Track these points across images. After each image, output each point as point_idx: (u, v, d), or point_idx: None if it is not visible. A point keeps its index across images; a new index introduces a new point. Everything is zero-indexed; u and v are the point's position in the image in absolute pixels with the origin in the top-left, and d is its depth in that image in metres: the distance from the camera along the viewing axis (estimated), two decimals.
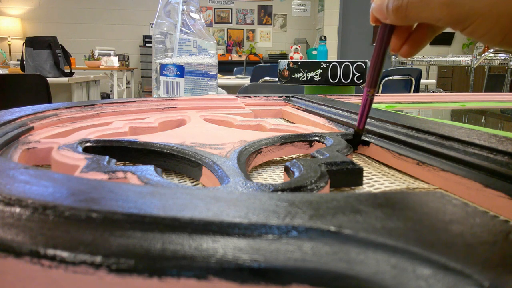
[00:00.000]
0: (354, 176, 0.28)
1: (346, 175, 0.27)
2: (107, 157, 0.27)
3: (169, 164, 0.31)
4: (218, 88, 0.86)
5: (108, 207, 0.15)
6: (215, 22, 6.02)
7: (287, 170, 0.27)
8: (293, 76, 0.89)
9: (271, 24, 6.13)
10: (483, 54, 3.34)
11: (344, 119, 0.45)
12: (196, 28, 0.80)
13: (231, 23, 6.08)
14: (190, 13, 0.80)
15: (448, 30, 0.27)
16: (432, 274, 0.11)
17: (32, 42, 2.26)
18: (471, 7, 0.21)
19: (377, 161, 0.35)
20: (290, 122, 0.55)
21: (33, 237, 0.13)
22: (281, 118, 0.61)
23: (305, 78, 0.88)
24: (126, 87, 4.89)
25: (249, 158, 0.31)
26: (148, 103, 0.55)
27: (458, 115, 0.69)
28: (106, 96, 4.70)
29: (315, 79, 0.87)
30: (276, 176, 0.31)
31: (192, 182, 0.30)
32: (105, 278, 0.12)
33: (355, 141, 0.36)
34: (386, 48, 0.31)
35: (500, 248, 0.13)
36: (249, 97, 0.68)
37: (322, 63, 0.86)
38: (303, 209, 0.15)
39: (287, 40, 6.09)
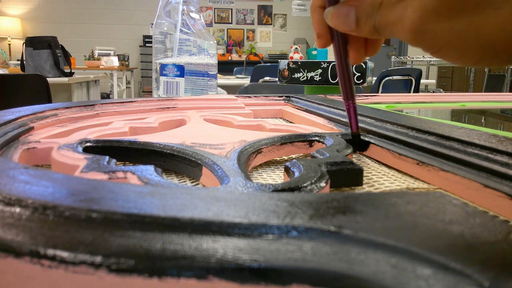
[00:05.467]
0: (354, 176, 0.28)
1: (346, 175, 0.27)
2: (107, 157, 0.27)
3: (169, 164, 0.31)
4: (218, 88, 0.86)
5: (108, 207, 0.15)
6: (215, 22, 6.02)
7: (287, 170, 0.27)
8: (293, 76, 0.90)
9: (271, 24, 6.13)
10: None
11: (344, 119, 0.45)
12: (196, 28, 0.80)
13: (231, 23, 6.08)
14: (190, 13, 0.80)
15: None
16: (432, 274, 0.11)
17: (32, 42, 2.26)
18: (435, 35, 0.20)
19: (377, 161, 0.35)
20: (290, 122, 0.55)
21: (33, 237, 0.13)
22: (281, 118, 0.61)
23: (305, 78, 0.88)
24: (126, 87, 4.89)
25: (249, 158, 0.31)
26: (148, 103, 0.55)
27: (458, 115, 0.69)
28: (106, 96, 4.70)
29: (315, 79, 0.87)
30: (276, 176, 0.31)
31: (192, 182, 0.30)
32: (105, 278, 0.12)
33: (356, 142, 0.37)
34: (347, 59, 0.30)
35: (500, 248, 0.13)
36: (249, 97, 0.68)
37: (322, 63, 0.86)
38: (303, 209, 0.15)
39: (287, 40, 6.09)
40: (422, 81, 2.68)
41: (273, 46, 6.13)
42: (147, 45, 5.57)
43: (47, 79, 1.79)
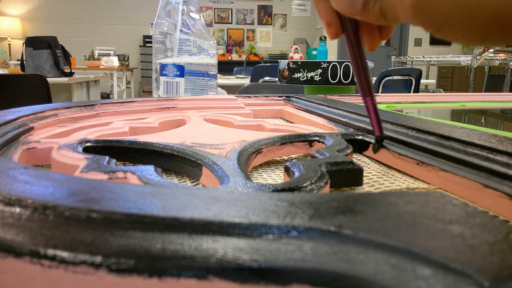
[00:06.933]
0: (354, 176, 0.28)
1: (346, 175, 0.27)
2: (107, 157, 0.27)
3: (169, 164, 0.31)
4: (218, 88, 0.86)
5: (108, 207, 0.15)
6: (215, 22, 6.02)
7: (287, 170, 0.27)
8: (293, 76, 0.90)
9: (271, 24, 6.13)
10: (483, 54, 3.34)
11: (344, 119, 0.45)
12: (196, 28, 0.80)
13: (231, 23, 6.08)
14: (190, 13, 0.80)
15: None
16: (432, 274, 0.11)
17: (32, 42, 2.26)
18: (436, 11, 0.19)
19: (377, 161, 0.35)
20: (290, 122, 0.55)
21: (33, 237, 0.13)
22: (281, 118, 0.61)
23: (305, 78, 0.88)
24: (126, 87, 4.89)
25: (249, 158, 0.31)
26: (148, 103, 0.55)
27: (458, 115, 0.69)
28: (106, 96, 4.70)
29: (315, 79, 0.87)
30: (276, 176, 0.31)
31: (192, 182, 0.30)
32: (105, 278, 0.12)
33: (379, 146, 0.32)
34: (360, 47, 0.27)
35: (500, 248, 0.13)
36: (249, 97, 0.68)
37: (322, 63, 0.86)
38: (303, 209, 0.15)
39: (287, 40, 6.10)
40: (422, 81, 2.68)
41: (273, 46, 6.13)
42: (147, 45, 5.57)
43: (47, 79, 1.79)
